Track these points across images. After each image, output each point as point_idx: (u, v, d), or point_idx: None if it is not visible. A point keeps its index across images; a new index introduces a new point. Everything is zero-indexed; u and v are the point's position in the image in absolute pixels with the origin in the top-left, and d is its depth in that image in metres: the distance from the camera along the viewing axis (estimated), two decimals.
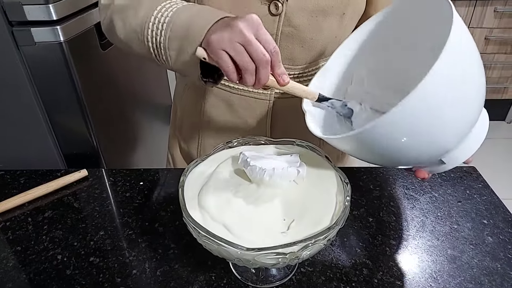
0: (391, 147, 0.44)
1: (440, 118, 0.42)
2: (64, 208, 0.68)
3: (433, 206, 0.68)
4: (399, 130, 0.42)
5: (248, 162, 0.50)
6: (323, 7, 0.61)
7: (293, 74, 0.69)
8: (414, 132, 0.42)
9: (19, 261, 0.58)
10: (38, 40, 0.70)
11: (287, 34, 0.64)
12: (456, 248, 0.60)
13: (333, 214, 0.47)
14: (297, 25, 0.63)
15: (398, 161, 0.49)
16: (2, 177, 0.75)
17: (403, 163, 0.50)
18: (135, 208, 0.68)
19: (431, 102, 0.40)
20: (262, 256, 0.41)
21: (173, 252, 0.59)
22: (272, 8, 0.61)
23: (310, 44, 0.65)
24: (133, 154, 1.09)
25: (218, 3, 0.61)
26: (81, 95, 0.78)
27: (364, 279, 0.55)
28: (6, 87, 0.76)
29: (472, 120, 0.46)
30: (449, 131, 0.44)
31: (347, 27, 0.67)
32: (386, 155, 0.46)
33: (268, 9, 0.61)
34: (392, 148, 0.44)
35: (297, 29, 0.63)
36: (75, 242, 0.61)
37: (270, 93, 0.70)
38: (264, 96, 0.70)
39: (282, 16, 0.62)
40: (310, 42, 0.65)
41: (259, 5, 0.61)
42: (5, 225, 0.65)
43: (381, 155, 0.47)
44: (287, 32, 0.63)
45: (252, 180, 0.52)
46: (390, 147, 0.44)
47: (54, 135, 0.83)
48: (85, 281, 0.55)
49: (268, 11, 0.62)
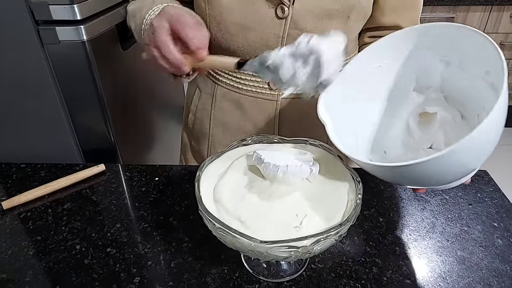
0: (431, 178, 0.45)
1: (488, 148, 0.44)
2: (83, 200, 0.70)
3: (443, 208, 0.68)
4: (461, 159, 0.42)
5: (262, 160, 0.52)
6: (328, 10, 0.63)
7: None
8: (469, 160, 0.44)
9: (39, 250, 0.60)
10: (62, 38, 0.72)
11: (294, 37, 0.65)
12: (466, 249, 0.60)
13: (344, 211, 0.48)
14: (303, 28, 0.64)
15: (420, 184, 0.51)
16: (23, 170, 0.78)
17: (425, 186, 0.52)
18: (150, 203, 0.70)
19: (491, 133, 0.42)
20: (275, 249, 0.43)
21: (187, 245, 0.61)
22: (279, 11, 0.63)
23: None
24: (148, 151, 1.12)
25: (227, 7, 0.64)
26: (101, 93, 0.80)
27: (373, 277, 0.56)
28: (30, 84, 0.79)
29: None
30: (483, 159, 0.46)
31: (352, 30, 0.69)
32: (423, 181, 0.47)
33: (275, 12, 0.63)
34: (431, 180, 0.46)
35: (303, 32, 0.64)
36: (93, 233, 0.63)
37: (278, 93, 0.72)
38: (272, 97, 0.72)
39: (289, 20, 0.63)
40: None
41: (266, 9, 0.63)
42: (26, 215, 0.67)
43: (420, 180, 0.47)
44: (294, 34, 0.65)
45: (266, 177, 0.53)
46: (431, 178, 0.45)
47: (74, 130, 0.85)
48: (102, 270, 0.57)
49: (275, 15, 0.63)
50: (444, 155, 0.39)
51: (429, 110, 0.59)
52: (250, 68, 0.50)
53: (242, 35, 0.66)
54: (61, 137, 0.86)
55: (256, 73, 0.50)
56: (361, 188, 0.50)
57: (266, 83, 0.71)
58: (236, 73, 0.72)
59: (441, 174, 0.45)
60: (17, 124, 0.86)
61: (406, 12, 0.69)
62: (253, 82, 0.71)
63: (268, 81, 0.50)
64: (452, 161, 0.41)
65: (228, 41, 0.67)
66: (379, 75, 0.61)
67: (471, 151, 0.42)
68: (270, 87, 0.71)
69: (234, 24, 0.65)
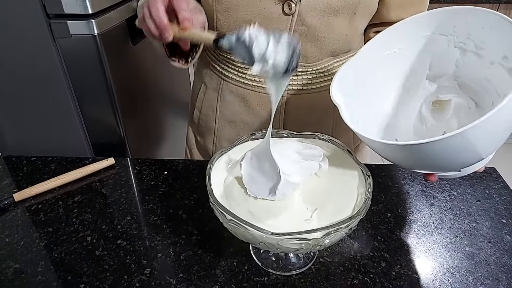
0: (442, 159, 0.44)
1: (502, 134, 0.43)
2: (93, 193, 0.71)
3: (451, 204, 0.68)
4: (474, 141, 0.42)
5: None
6: (334, 7, 0.63)
7: (305, 71, 0.71)
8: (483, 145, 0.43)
9: (50, 241, 0.61)
10: (73, 32, 0.73)
11: (300, 33, 0.66)
12: (474, 245, 0.60)
13: (354, 205, 0.49)
14: (309, 24, 0.65)
15: (429, 168, 0.50)
16: (34, 163, 0.79)
17: (433, 170, 0.51)
18: (160, 196, 0.70)
19: (506, 118, 0.41)
20: (286, 240, 0.43)
21: (196, 238, 0.61)
22: (286, 8, 0.63)
23: (322, 43, 0.67)
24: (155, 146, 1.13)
25: (234, 4, 0.64)
26: (111, 87, 0.81)
27: (382, 271, 0.56)
28: (41, 78, 0.80)
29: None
30: (497, 145, 0.45)
31: (358, 26, 0.69)
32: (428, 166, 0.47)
33: (282, 8, 0.64)
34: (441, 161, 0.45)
35: (309, 28, 0.65)
36: (103, 225, 0.64)
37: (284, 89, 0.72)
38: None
39: (295, 16, 0.64)
40: (322, 41, 0.67)
41: (273, 5, 0.64)
42: (37, 207, 0.68)
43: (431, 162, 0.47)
44: (300, 31, 0.65)
45: None
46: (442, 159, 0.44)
47: (84, 124, 0.86)
48: (113, 261, 0.57)
49: (282, 11, 0.64)
50: (456, 136, 0.39)
51: (443, 97, 0.59)
52: (226, 43, 0.49)
53: None
54: (71, 130, 0.87)
55: (230, 50, 0.49)
56: (371, 182, 0.50)
57: None
58: (243, 68, 0.72)
59: (453, 157, 0.44)
60: (27, 118, 0.87)
61: (412, 8, 0.69)
62: (259, 77, 0.72)
63: (239, 59, 0.51)
64: (464, 143, 0.41)
65: None
66: (394, 61, 0.61)
67: (484, 134, 0.41)
68: None
69: (241, 20, 0.66)
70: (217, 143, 0.82)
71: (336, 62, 0.72)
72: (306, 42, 0.67)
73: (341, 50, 0.70)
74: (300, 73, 0.71)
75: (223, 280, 0.54)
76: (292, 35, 0.48)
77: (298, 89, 0.72)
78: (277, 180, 0.48)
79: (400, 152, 0.47)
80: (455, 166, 0.48)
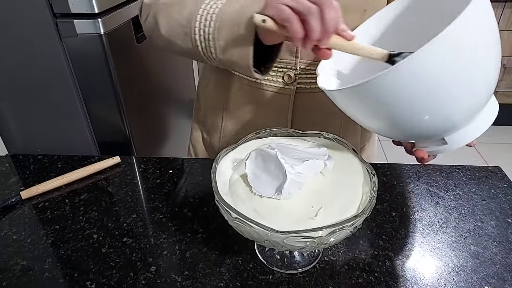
0: (402, 104, 0.42)
1: (457, 81, 0.41)
2: (99, 191, 0.72)
3: (457, 204, 0.68)
4: (417, 81, 0.40)
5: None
6: (345, 3, 0.62)
7: (315, 69, 0.70)
8: (430, 89, 0.40)
9: (57, 238, 0.62)
10: (80, 32, 0.74)
11: None
12: (480, 244, 0.60)
13: (359, 204, 0.49)
14: None
15: (400, 125, 0.47)
16: (40, 161, 0.80)
17: (405, 129, 0.48)
18: (165, 194, 0.71)
19: (456, 53, 0.39)
20: (291, 238, 0.43)
21: (202, 236, 0.62)
22: None
23: None
24: (161, 144, 1.13)
25: None
26: (117, 86, 0.81)
27: (386, 270, 0.56)
28: (48, 77, 0.81)
29: (482, 98, 0.45)
30: (460, 103, 0.43)
31: None
32: (392, 115, 0.44)
33: None
34: (401, 106, 0.42)
35: None
36: (109, 223, 0.64)
37: (292, 88, 0.72)
38: (287, 91, 0.72)
39: None
40: None
41: None
42: (44, 205, 0.69)
43: (386, 113, 0.44)
44: None
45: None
46: (401, 103, 0.42)
47: (89, 123, 0.87)
48: (119, 259, 0.58)
49: None
50: (404, 65, 0.38)
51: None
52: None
53: None
54: (77, 129, 0.88)
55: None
56: (376, 181, 0.50)
57: (281, 76, 0.71)
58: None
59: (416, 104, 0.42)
60: (34, 117, 0.88)
61: None
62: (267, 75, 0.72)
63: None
64: (420, 78, 0.39)
65: None
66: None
67: (440, 65, 0.39)
68: (286, 81, 0.71)
69: None
70: (223, 141, 0.82)
71: None
72: None
73: None
74: (309, 71, 0.71)
75: (228, 278, 0.55)
76: None
77: (305, 87, 0.72)
78: (283, 179, 0.48)
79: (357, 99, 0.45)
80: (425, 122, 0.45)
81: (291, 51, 0.68)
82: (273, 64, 0.60)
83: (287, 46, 0.67)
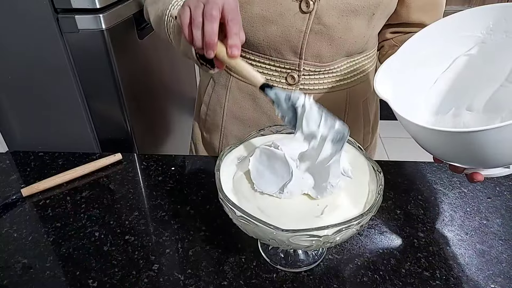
0: (504, 152, 0.42)
1: None
2: (100, 189, 0.71)
3: (462, 201, 0.67)
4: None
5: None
6: (354, 7, 0.62)
7: (318, 71, 0.70)
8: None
9: (59, 236, 0.61)
10: (81, 27, 0.73)
11: (316, 32, 0.64)
12: (485, 243, 0.59)
13: (365, 202, 0.48)
14: (327, 23, 0.63)
15: (484, 163, 0.48)
16: (41, 158, 0.79)
17: (486, 164, 0.48)
18: (167, 192, 0.70)
19: None
20: (297, 237, 0.43)
21: (204, 234, 0.61)
22: (303, 5, 0.62)
23: (338, 43, 0.66)
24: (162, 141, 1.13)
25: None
26: (118, 83, 0.81)
27: (391, 268, 0.55)
28: (49, 73, 0.80)
29: None
30: None
31: (375, 27, 0.68)
32: (487, 158, 0.44)
33: (299, 6, 0.62)
34: (502, 152, 0.43)
35: (326, 27, 0.64)
36: (111, 221, 0.64)
37: (295, 89, 0.71)
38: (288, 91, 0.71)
39: (313, 14, 0.62)
40: (339, 41, 0.66)
41: (290, 2, 0.62)
42: (45, 202, 0.68)
43: (482, 157, 0.44)
44: (317, 29, 0.64)
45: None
46: (503, 151, 0.42)
47: (91, 120, 0.86)
48: (121, 257, 0.57)
49: (299, 9, 0.62)
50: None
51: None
52: (273, 95, 0.48)
53: (262, 27, 0.65)
54: (79, 126, 0.87)
55: (274, 103, 0.48)
56: (382, 179, 0.49)
57: (284, 77, 0.71)
58: (254, 66, 0.71)
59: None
60: (35, 113, 0.87)
61: (432, 10, 0.68)
62: (270, 76, 0.71)
63: (279, 114, 0.49)
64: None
65: (247, 33, 0.66)
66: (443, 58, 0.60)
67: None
68: (289, 82, 0.71)
69: (255, 15, 0.64)
70: (223, 140, 0.82)
71: (350, 62, 0.71)
72: (322, 41, 0.66)
73: (357, 51, 0.69)
74: (312, 73, 0.70)
75: (231, 276, 0.54)
76: (342, 123, 0.46)
77: (308, 88, 0.71)
78: (288, 179, 0.47)
79: (458, 141, 0.44)
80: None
81: (295, 52, 0.67)
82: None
83: (291, 48, 0.66)
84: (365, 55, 0.72)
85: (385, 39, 0.73)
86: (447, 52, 0.60)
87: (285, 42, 0.65)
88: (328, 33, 0.64)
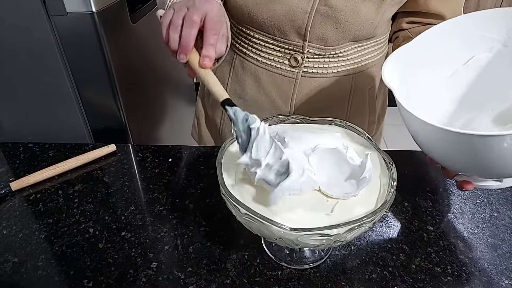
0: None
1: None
2: (94, 182, 0.68)
3: (472, 193, 0.65)
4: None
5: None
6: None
7: (323, 55, 0.66)
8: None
9: (51, 233, 0.58)
10: (69, 10, 0.68)
11: (322, 13, 0.61)
12: (497, 236, 0.57)
13: (378, 197, 0.45)
14: (333, 5, 0.60)
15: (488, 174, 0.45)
16: (31, 150, 0.75)
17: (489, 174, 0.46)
18: (165, 185, 0.67)
19: None
20: (306, 237, 0.40)
21: (205, 229, 0.58)
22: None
23: (344, 27, 0.62)
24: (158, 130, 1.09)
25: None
26: (111, 69, 0.76)
27: (401, 264, 0.53)
28: (36, 59, 0.75)
29: None
30: None
31: (385, 13, 0.64)
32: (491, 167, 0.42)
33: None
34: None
35: (333, 9, 0.60)
36: (106, 216, 0.61)
37: (298, 71, 0.68)
38: (291, 74, 0.69)
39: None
40: (345, 25, 0.62)
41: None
42: (36, 197, 0.65)
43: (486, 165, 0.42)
44: (322, 11, 0.61)
45: None
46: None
47: (82, 108, 0.82)
48: (117, 255, 0.54)
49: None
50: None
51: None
52: (232, 114, 0.47)
53: (266, 6, 0.62)
54: (69, 115, 0.83)
55: (232, 120, 0.47)
56: (395, 171, 0.46)
57: (287, 58, 0.67)
58: (257, 44, 0.68)
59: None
60: (23, 102, 0.83)
61: (451, 1, 0.65)
62: (273, 56, 0.68)
63: (233, 133, 0.47)
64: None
65: (252, 11, 0.64)
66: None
67: None
68: (292, 64, 0.68)
69: None
70: (224, 117, 0.79)
71: (357, 47, 0.68)
72: (327, 24, 0.62)
73: (364, 36, 0.66)
74: (317, 56, 0.66)
75: (234, 274, 0.52)
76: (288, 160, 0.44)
77: (312, 72, 0.68)
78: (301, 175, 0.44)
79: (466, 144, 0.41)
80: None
81: (300, 33, 0.64)
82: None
83: (295, 28, 0.63)
84: (374, 41, 0.69)
85: (401, 29, 0.69)
86: (463, 51, 0.57)
87: (289, 22, 0.62)
88: (334, 15, 0.61)
